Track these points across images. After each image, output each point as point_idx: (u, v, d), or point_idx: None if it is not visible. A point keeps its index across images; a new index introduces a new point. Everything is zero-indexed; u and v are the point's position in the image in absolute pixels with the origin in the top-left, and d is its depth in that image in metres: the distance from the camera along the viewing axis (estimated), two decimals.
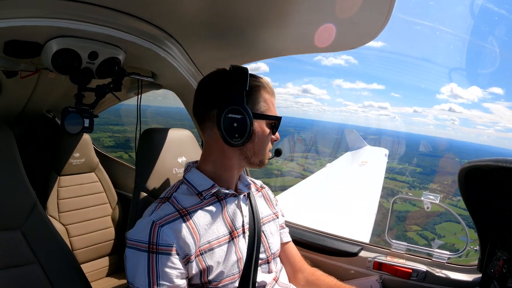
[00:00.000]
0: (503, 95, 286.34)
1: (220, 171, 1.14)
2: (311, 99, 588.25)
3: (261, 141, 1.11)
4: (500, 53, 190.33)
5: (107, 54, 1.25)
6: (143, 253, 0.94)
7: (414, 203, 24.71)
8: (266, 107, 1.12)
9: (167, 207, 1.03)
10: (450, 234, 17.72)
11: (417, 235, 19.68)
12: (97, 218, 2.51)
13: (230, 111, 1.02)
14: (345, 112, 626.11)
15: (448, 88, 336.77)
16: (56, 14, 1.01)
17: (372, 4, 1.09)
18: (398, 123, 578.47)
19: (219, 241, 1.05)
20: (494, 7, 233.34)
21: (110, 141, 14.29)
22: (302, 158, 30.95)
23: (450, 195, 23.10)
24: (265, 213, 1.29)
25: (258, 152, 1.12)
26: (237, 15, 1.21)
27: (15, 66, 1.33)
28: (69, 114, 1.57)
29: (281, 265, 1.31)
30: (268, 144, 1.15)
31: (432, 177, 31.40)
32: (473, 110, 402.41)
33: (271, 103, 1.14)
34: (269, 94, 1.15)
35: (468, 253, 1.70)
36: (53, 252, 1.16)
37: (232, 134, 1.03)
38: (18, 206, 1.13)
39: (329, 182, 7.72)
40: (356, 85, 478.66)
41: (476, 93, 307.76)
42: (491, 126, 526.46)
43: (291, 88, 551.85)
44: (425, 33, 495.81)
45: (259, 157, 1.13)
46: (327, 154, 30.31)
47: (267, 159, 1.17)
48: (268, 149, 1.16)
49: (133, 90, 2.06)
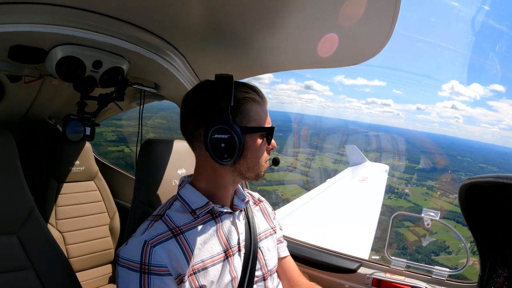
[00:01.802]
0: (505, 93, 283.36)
1: (213, 189, 1.10)
2: (314, 95, 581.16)
3: (254, 155, 1.06)
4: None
5: (111, 64, 1.26)
6: (134, 273, 0.92)
7: (409, 199, 24.65)
8: (257, 119, 1.05)
9: (159, 226, 1.00)
10: (442, 231, 17.47)
11: (409, 230, 19.28)
12: (94, 227, 2.49)
13: (216, 131, 0.97)
14: (349, 109, 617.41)
15: (449, 85, 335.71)
16: (63, 22, 1.03)
17: (374, 21, 1.10)
18: (403, 120, 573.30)
19: (213, 260, 1.02)
20: None
21: (112, 135, 14.39)
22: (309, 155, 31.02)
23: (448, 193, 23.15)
24: (262, 228, 1.26)
25: (253, 167, 1.07)
26: (240, 29, 1.22)
27: (19, 71, 1.34)
28: (71, 121, 1.58)
29: (278, 281, 1.28)
30: (263, 156, 1.09)
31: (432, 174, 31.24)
32: (478, 108, 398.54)
33: (262, 113, 1.08)
34: (259, 104, 1.07)
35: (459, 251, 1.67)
36: (49, 259, 1.15)
37: (221, 154, 0.99)
38: (16, 211, 1.12)
39: (328, 197, 7.68)
40: (357, 81, 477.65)
41: (478, 91, 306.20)
42: (495, 124, 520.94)
43: (293, 84, 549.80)
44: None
45: (254, 171, 1.08)
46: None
47: (263, 171, 1.11)
48: (264, 160, 1.10)
49: (135, 100, 2.07)
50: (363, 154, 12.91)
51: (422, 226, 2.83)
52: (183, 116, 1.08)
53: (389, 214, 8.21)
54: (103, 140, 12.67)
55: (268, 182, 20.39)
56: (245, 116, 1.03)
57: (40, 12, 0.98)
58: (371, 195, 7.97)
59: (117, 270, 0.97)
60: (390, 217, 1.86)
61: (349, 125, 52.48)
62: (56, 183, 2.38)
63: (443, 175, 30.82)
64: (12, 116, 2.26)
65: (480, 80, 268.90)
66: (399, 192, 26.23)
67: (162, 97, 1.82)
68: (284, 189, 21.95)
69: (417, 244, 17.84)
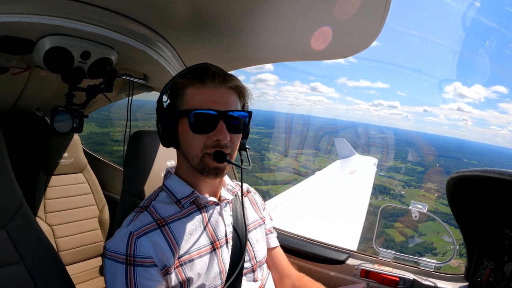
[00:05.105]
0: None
1: (187, 178, 1.10)
2: (321, 97, 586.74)
3: (185, 142, 1.03)
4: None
5: (100, 54, 1.24)
6: (121, 265, 0.93)
7: (403, 201, 24.98)
8: (188, 103, 1.00)
9: (145, 217, 1.00)
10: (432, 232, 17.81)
11: (397, 232, 19.57)
12: (83, 220, 2.48)
13: (157, 119, 1.05)
14: (358, 111, 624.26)
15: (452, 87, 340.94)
16: (50, 12, 1.01)
17: (365, 15, 1.10)
18: (412, 122, 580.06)
19: (200, 252, 1.02)
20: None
21: (119, 135, 14.70)
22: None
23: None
24: (251, 219, 1.25)
25: (187, 155, 1.04)
26: (230, 20, 1.22)
27: (6, 62, 1.32)
28: (59, 113, 1.56)
29: (268, 272, 1.28)
30: (196, 145, 1.00)
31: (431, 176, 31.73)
32: (487, 110, 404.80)
33: (198, 95, 0.99)
34: (195, 87, 1.00)
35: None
36: (38, 253, 1.14)
37: (162, 141, 1.07)
38: (4, 205, 1.10)
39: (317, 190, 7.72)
40: (361, 84, 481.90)
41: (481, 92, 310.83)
42: (505, 127, 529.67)
43: (299, 86, 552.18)
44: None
45: (192, 161, 1.03)
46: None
47: (199, 163, 1.02)
48: (197, 149, 1.00)
49: (124, 91, 2.05)
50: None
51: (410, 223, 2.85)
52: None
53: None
54: (109, 139, 13.82)
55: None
56: (180, 101, 1.03)
57: (28, 2, 0.97)
58: (360, 188, 8.04)
59: (104, 263, 0.97)
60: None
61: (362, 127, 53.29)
62: (44, 175, 2.35)
63: (443, 177, 31.32)
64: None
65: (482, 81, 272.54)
66: (395, 194, 26.62)
67: (151, 88, 1.80)
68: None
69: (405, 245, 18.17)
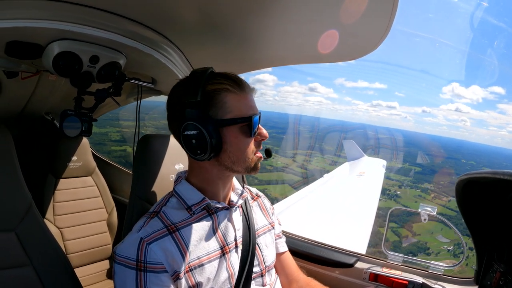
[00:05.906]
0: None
1: (203, 184, 1.09)
2: (320, 98, 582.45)
3: (236, 148, 1.01)
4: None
5: (108, 59, 1.25)
6: (131, 270, 0.93)
7: (399, 200, 24.85)
8: (234, 110, 0.99)
9: (155, 223, 1.00)
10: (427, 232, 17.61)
11: (391, 231, 19.27)
12: (92, 223, 2.49)
13: (185, 128, 0.96)
14: (357, 111, 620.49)
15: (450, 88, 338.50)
16: (59, 17, 1.02)
17: (372, 17, 1.10)
18: (412, 123, 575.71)
19: (210, 257, 1.02)
20: None
21: (117, 135, 14.76)
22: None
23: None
24: (261, 224, 1.25)
25: (238, 160, 1.02)
26: (237, 24, 1.22)
27: (16, 66, 1.34)
28: (68, 117, 1.57)
29: (276, 276, 1.28)
30: (250, 148, 1.03)
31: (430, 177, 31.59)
32: (485, 111, 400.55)
33: (241, 102, 1.01)
34: (235, 93, 1.00)
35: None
36: (47, 255, 1.15)
37: (194, 151, 0.98)
38: (13, 208, 1.12)
39: (326, 192, 7.69)
40: (359, 84, 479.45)
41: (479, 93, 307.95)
42: (504, 127, 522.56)
43: (297, 86, 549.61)
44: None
45: (242, 164, 1.03)
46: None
47: (254, 163, 1.05)
48: (251, 152, 1.03)
49: (132, 95, 2.07)
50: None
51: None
52: (167, 114, 1.08)
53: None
54: (107, 139, 13.61)
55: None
56: (220, 108, 0.98)
57: (36, 8, 0.98)
58: (369, 190, 7.98)
59: (114, 268, 0.97)
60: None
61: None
62: (53, 179, 2.37)
63: (440, 178, 31.12)
64: (9, 112, 2.25)
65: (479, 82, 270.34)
66: (391, 194, 26.46)
67: (159, 92, 1.82)
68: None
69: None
